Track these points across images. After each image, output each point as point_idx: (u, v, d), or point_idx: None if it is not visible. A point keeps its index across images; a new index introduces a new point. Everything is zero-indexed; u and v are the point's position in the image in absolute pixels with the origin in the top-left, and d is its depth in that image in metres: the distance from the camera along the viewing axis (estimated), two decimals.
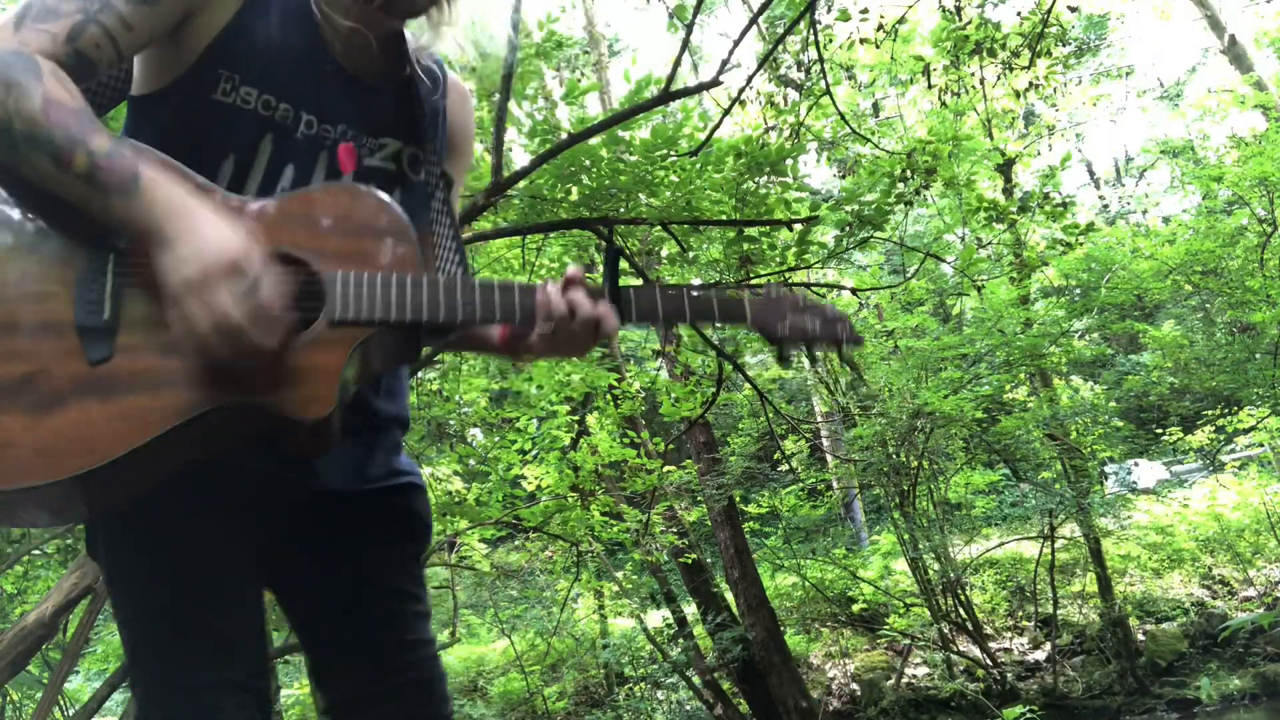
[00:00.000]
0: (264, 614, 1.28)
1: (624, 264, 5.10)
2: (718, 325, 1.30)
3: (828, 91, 5.05)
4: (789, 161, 4.04)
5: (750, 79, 5.90)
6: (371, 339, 1.12)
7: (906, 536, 8.98)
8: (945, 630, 8.96)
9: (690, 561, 8.99)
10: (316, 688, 1.32)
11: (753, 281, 4.66)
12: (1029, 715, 6.28)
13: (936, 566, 8.94)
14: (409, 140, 1.31)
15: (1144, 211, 21.63)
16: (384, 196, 1.18)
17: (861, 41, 7.02)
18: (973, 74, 7.67)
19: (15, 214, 1.04)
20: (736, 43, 4.05)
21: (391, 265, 1.14)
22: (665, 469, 8.11)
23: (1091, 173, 27.08)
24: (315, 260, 1.10)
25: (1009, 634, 9.86)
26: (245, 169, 1.17)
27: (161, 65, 1.16)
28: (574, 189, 3.99)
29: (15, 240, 1.03)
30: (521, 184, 3.83)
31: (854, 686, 9.49)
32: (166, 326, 1.01)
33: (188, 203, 1.02)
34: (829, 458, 12.88)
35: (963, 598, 9.07)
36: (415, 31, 1.29)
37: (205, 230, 1.00)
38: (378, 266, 1.13)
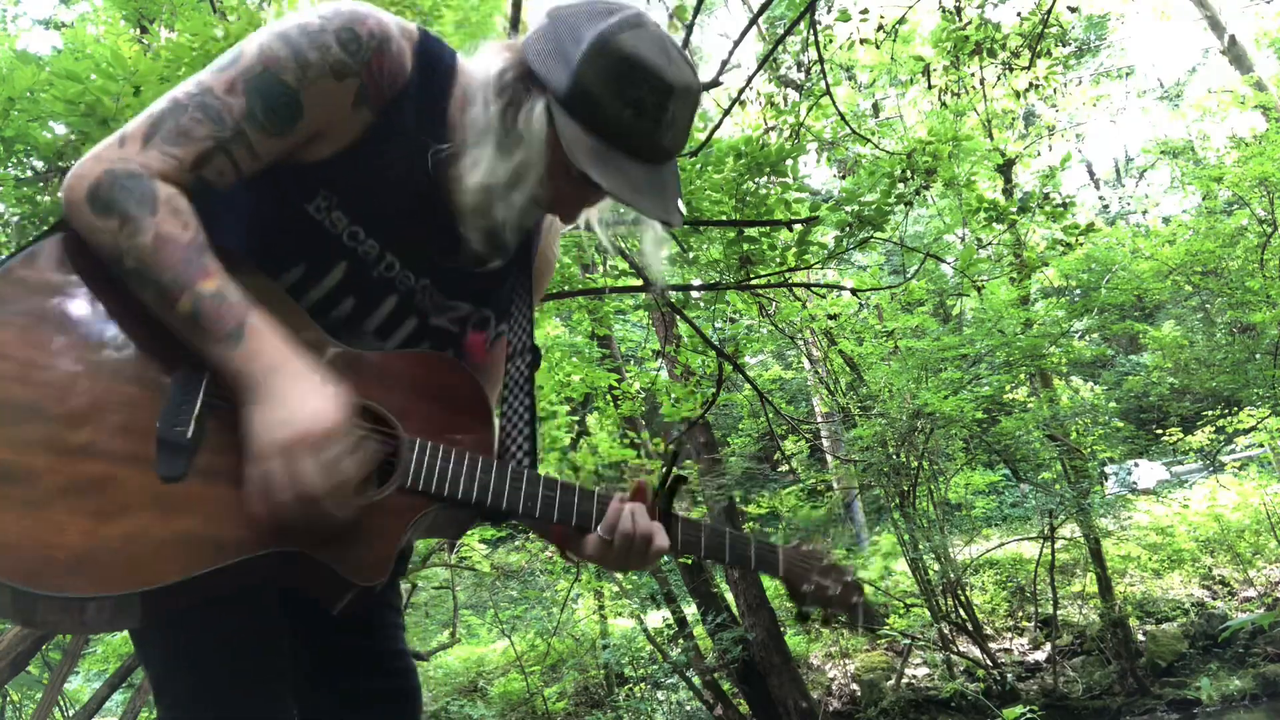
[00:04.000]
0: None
1: (624, 264, 5.10)
2: (751, 569, 1.37)
3: (828, 92, 5.06)
4: (789, 162, 4.04)
5: (750, 79, 5.90)
6: (432, 512, 1.12)
7: (906, 537, 8.98)
8: (945, 630, 8.96)
9: (690, 562, 8.99)
10: (310, 688, 1.30)
11: (753, 282, 4.66)
12: (1029, 716, 6.27)
13: (937, 567, 8.94)
14: (480, 305, 1.32)
15: (1144, 212, 21.63)
16: (474, 376, 1.22)
17: (861, 42, 7.03)
18: (973, 74, 7.67)
19: (127, 315, 1.03)
20: (736, 43, 4.06)
21: (468, 444, 1.16)
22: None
23: (1091, 173, 27.09)
24: (397, 422, 1.12)
25: (1009, 634, 9.85)
26: (311, 282, 1.17)
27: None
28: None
29: (120, 339, 1.01)
30: None
31: (854, 687, 9.49)
32: (241, 461, 1.00)
33: (290, 362, 1.01)
34: (829, 458, 12.88)
35: (963, 598, 9.07)
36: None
37: (302, 394, 0.99)
38: (455, 442, 1.15)
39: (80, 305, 1.01)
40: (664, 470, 1.31)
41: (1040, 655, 9.26)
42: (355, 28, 1.10)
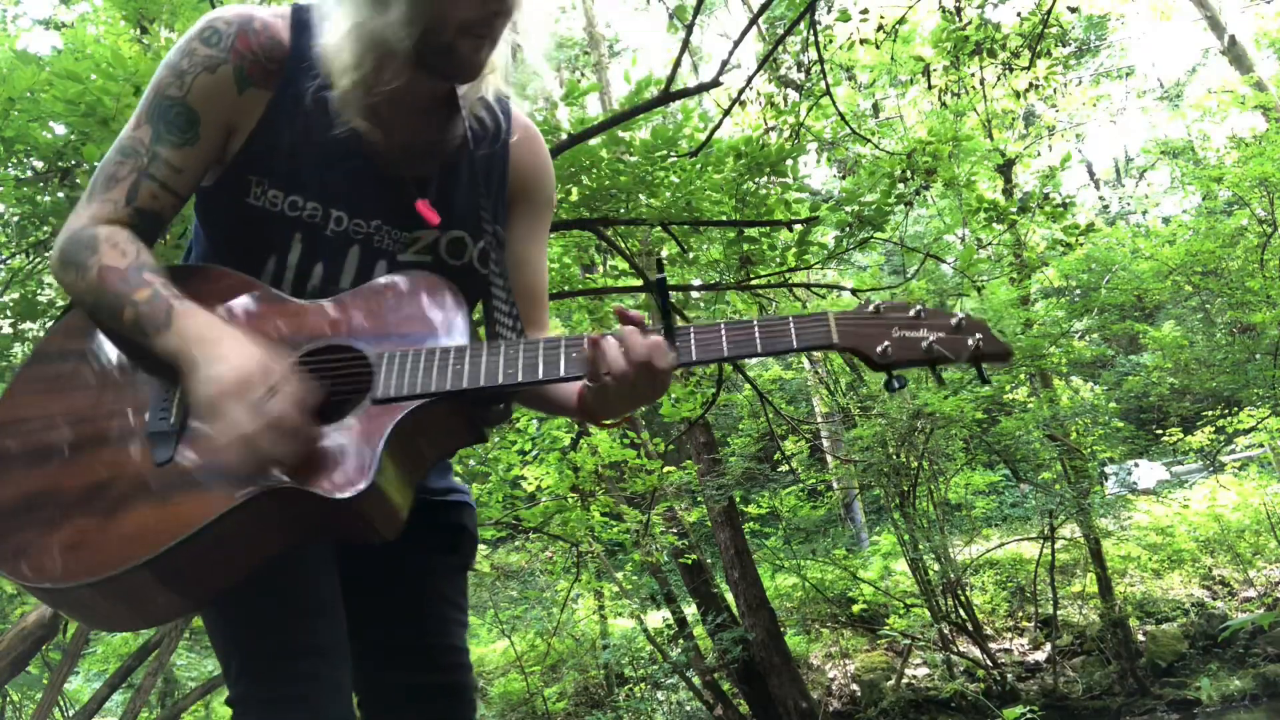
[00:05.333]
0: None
1: (624, 264, 5.09)
2: (797, 350, 1.11)
3: (828, 92, 5.06)
4: (789, 162, 4.04)
5: (750, 79, 5.89)
6: (415, 418, 1.11)
7: (906, 537, 8.98)
8: (945, 631, 8.96)
9: (690, 562, 8.99)
10: (361, 677, 1.33)
11: (752, 282, 4.66)
12: (1029, 716, 6.27)
13: (936, 567, 8.94)
14: (447, 227, 1.30)
15: (1144, 212, 21.64)
16: (438, 280, 1.22)
17: (861, 42, 7.03)
18: (973, 74, 7.67)
19: (112, 352, 1.19)
20: (736, 43, 4.06)
21: (449, 345, 1.15)
22: (665, 469, 8.11)
23: (1091, 173, 27.09)
24: (371, 346, 1.15)
25: (1009, 634, 9.85)
26: (282, 267, 1.24)
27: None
28: (574, 189, 3.99)
29: (114, 373, 1.18)
30: None
31: (854, 687, 9.49)
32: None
33: (214, 328, 1.10)
34: (829, 458, 12.88)
35: (963, 598, 9.07)
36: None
37: (224, 352, 1.07)
38: (433, 345, 1.15)
39: (89, 359, 1.20)
40: (655, 289, 1.19)
41: (1040, 655, 9.26)
42: (214, 24, 1.21)
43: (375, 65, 1.17)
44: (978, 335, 1.09)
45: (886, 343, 1.10)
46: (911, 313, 1.12)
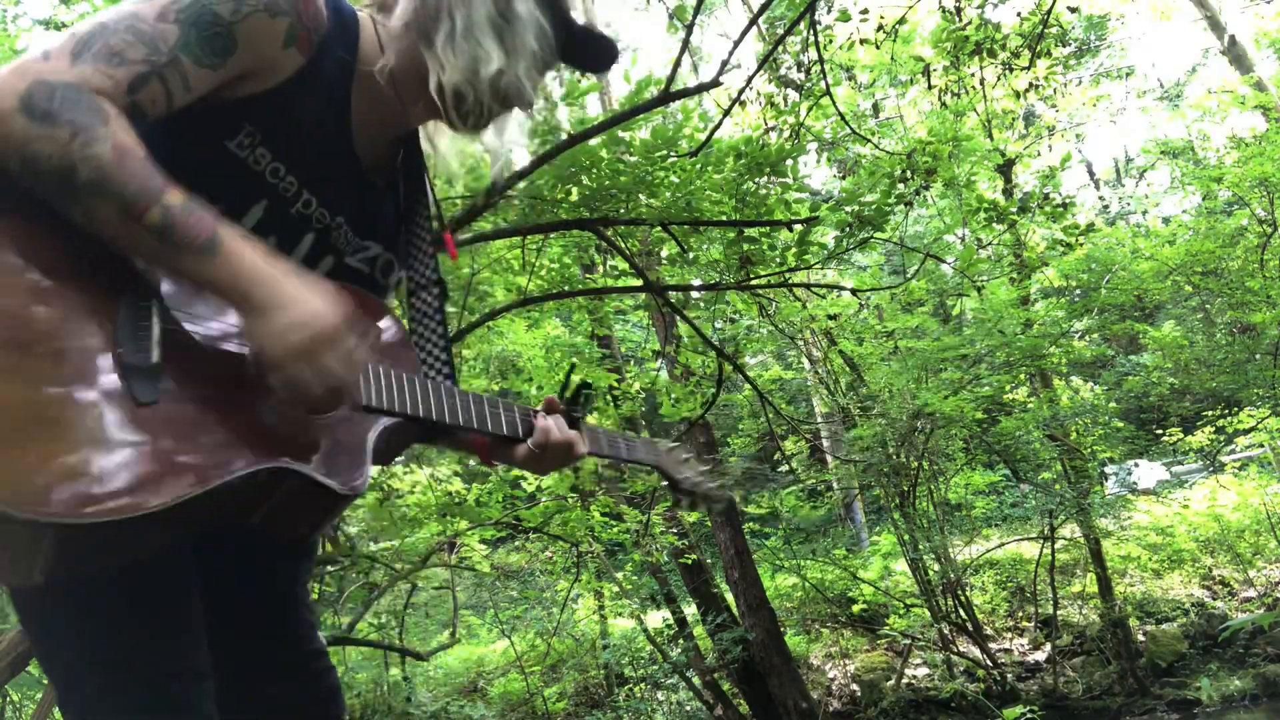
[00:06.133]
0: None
1: (624, 264, 5.09)
2: (636, 463, 1.65)
3: (828, 92, 5.05)
4: (789, 162, 4.04)
5: (750, 80, 5.89)
6: (384, 431, 1.19)
7: (906, 537, 8.98)
8: (945, 631, 8.96)
9: (690, 562, 8.99)
10: (231, 695, 1.25)
11: (753, 282, 4.66)
12: (1029, 716, 6.28)
13: (937, 567, 8.94)
14: (388, 248, 1.38)
15: (1144, 212, 21.63)
16: (388, 306, 1.31)
17: (861, 42, 7.02)
18: (973, 74, 7.66)
19: (51, 249, 0.97)
20: (736, 43, 4.05)
21: (404, 369, 1.25)
22: None
23: (1091, 173, 27.10)
24: None
25: (1009, 635, 9.85)
26: (230, 220, 1.15)
27: None
28: (574, 190, 3.99)
29: (51, 269, 0.96)
30: (521, 185, 3.83)
31: (854, 687, 9.48)
32: (211, 383, 1.02)
33: (270, 270, 1.02)
34: (829, 458, 12.87)
35: (963, 598, 9.06)
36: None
37: (300, 296, 1.01)
38: (391, 366, 1.22)
39: (3, 237, 0.95)
40: (566, 382, 1.44)
41: (1040, 655, 9.26)
42: None
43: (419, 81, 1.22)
44: (728, 485, 1.75)
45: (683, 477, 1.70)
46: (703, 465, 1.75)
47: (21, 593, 1.09)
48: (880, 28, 6.84)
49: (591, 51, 1.33)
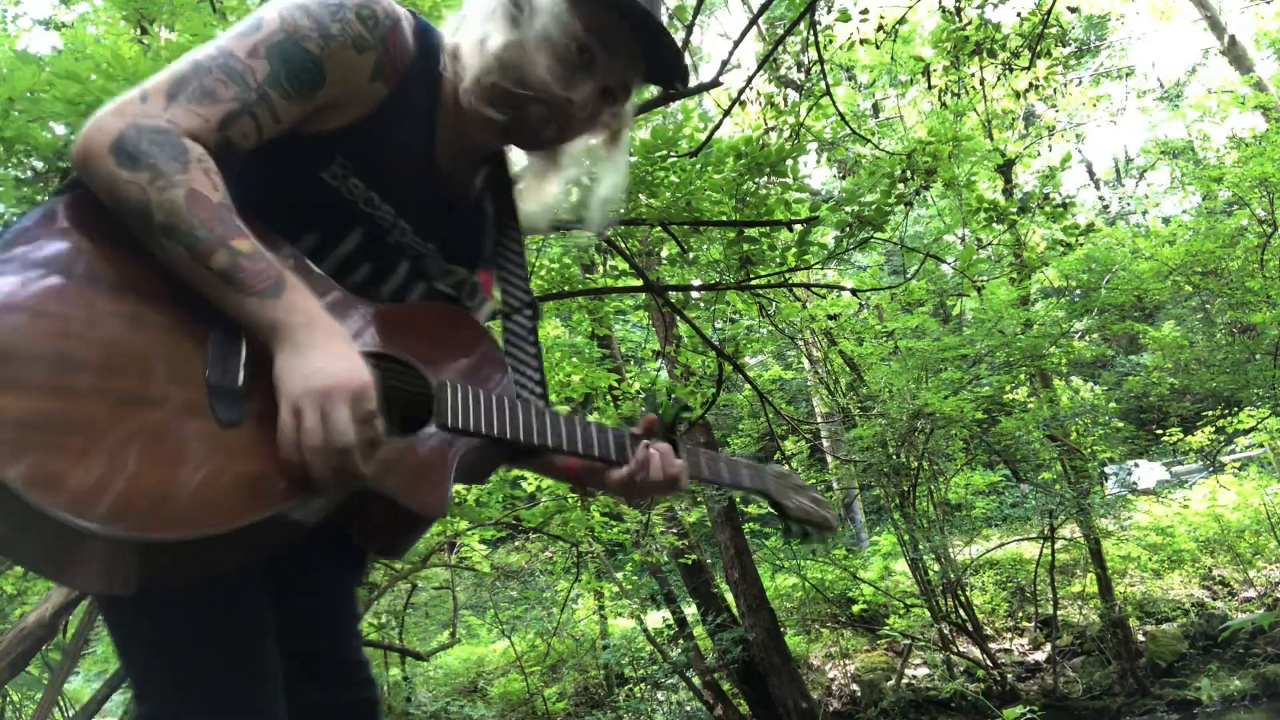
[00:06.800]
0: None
1: (624, 264, 5.09)
2: (746, 490, 1.50)
3: (828, 92, 5.06)
4: (789, 162, 4.04)
5: (750, 80, 5.89)
6: (469, 451, 1.17)
7: (906, 537, 8.98)
8: (945, 631, 8.96)
9: (690, 562, 8.99)
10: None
11: (753, 282, 4.66)
12: (1029, 716, 6.27)
13: (936, 567, 8.94)
14: (473, 270, 1.38)
15: (1144, 212, 21.63)
16: (484, 326, 1.30)
17: (861, 42, 7.03)
18: (973, 74, 7.67)
19: (150, 273, 1.01)
20: (736, 43, 4.05)
21: (491, 388, 1.23)
22: None
23: (1091, 173, 27.10)
24: (423, 368, 1.17)
25: (1009, 635, 9.85)
26: (324, 250, 1.20)
27: None
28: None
29: (148, 295, 1.00)
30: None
31: (854, 687, 9.49)
32: None
33: (326, 320, 1.03)
34: (829, 458, 12.87)
35: (963, 598, 9.06)
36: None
37: (339, 350, 1.02)
38: (481, 386, 1.21)
39: (105, 263, 0.99)
40: (669, 407, 1.41)
41: (1040, 655, 9.26)
42: (372, 5, 1.17)
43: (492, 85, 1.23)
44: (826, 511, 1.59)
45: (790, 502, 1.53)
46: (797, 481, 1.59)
47: (108, 597, 1.14)
48: (880, 28, 6.85)
49: (661, 60, 1.35)
